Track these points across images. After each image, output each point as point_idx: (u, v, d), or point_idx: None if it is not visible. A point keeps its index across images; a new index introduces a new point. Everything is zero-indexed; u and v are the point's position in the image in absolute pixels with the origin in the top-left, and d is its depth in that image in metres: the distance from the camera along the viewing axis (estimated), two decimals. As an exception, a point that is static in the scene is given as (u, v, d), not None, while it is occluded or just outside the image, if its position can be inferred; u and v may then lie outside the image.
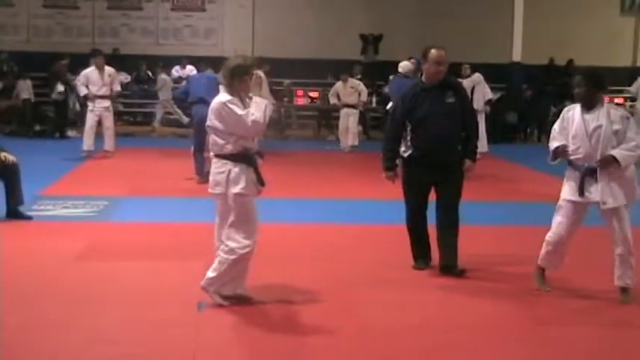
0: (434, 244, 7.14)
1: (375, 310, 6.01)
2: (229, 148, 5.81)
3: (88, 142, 14.61)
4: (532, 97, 21.68)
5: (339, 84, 17.54)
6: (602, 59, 23.59)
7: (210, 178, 5.92)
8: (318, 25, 22.90)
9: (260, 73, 11.91)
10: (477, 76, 16.21)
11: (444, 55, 6.92)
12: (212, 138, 5.88)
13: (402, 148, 7.04)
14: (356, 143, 17.04)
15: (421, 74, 7.30)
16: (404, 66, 12.75)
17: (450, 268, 6.91)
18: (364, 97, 17.50)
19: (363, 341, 5.35)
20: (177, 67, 22.74)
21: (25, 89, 19.58)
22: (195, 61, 22.59)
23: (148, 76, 22.41)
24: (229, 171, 5.80)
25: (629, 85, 24.02)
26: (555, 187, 12.29)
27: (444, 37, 21.85)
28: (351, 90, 17.26)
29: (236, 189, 5.80)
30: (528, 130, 21.69)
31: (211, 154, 5.96)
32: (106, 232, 8.46)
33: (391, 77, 13.28)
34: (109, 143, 14.73)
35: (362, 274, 6.95)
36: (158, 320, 5.62)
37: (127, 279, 6.67)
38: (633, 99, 21.68)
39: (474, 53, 21.46)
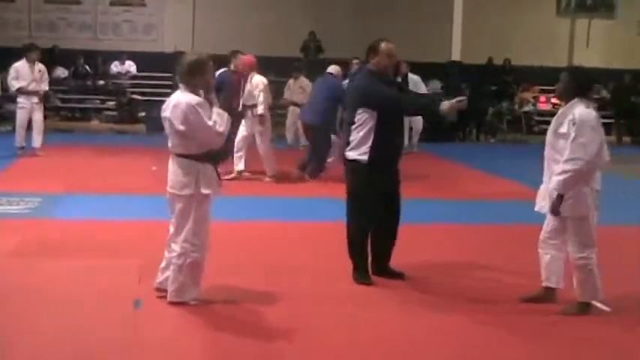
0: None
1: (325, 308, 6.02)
2: (195, 149, 5.76)
3: (19, 139, 14.30)
4: (471, 96, 21.88)
5: (290, 81, 17.54)
6: (539, 59, 24.07)
7: (175, 179, 5.82)
8: (260, 21, 22.83)
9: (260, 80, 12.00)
10: (416, 77, 16.43)
11: (394, 49, 6.73)
12: (175, 139, 5.80)
13: (358, 151, 6.60)
14: (303, 142, 17.02)
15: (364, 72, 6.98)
16: (333, 69, 12.88)
17: (386, 268, 6.87)
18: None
19: (308, 339, 5.35)
20: (116, 63, 22.50)
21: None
22: (134, 56, 22.52)
23: (87, 71, 22.12)
24: (198, 172, 5.75)
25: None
26: (494, 185, 12.63)
27: (384, 35, 22.01)
28: (299, 89, 17.22)
29: (206, 190, 5.77)
30: (467, 129, 21.90)
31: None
32: (41, 230, 8.30)
33: (319, 79, 13.33)
34: (37, 140, 14.30)
35: (303, 272, 6.95)
36: (93, 319, 5.54)
37: (61, 277, 6.56)
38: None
39: (413, 52, 21.63)
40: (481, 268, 7.37)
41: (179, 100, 5.75)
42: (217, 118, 5.76)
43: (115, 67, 22.49)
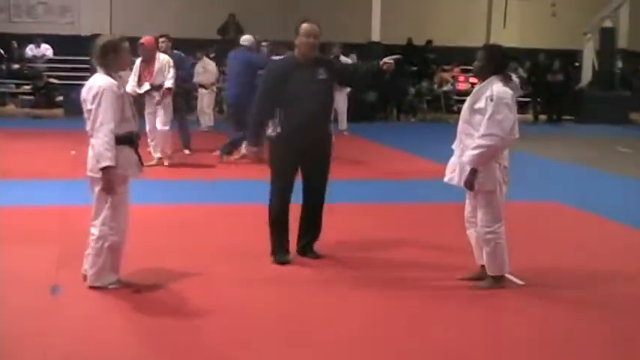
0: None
1: (240, 288, 6.03)
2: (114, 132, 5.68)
3: None
4: (391, 77, 22.02)
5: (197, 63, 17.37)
6: (458, 39, 24.37)
7: (92, 162, 5.73)
8: (178, 3, 22.60)
9: None
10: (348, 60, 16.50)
11: (315, 29, 6.71)
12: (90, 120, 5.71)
13: (270, 127, 6.76)
14: (210, 124, 16.93)
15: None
16: (246, 39, 12.67)
17: (306, 249, 6.91)
18: (212, 78, 17.28)
19: (224, 323, 5.36)
20: (31, 46, 21.97)
21: None
22: (51, 39, 22.04)
23: (1, 54, 21.56)
24: (115, 154, 5.67)
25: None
26: (415, 164, 12.81)
27: (304, 16, 22.02)
28: (202, 69, 17.08)
29: (123, 172, 5.72)
30: (388, 108, 22.09)
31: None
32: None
33: (231, 52, 13.22)
34: None
35: (227, 254, 6.96)
36: (6, 307, 5.45)
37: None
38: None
39: (334, 33, 21.67)
40: (404, 246, 7.47)
41: (94, 82, 5.71)
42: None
43: (30, 50, 21.95)
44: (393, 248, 7.39)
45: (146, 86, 11.64)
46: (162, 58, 11.80)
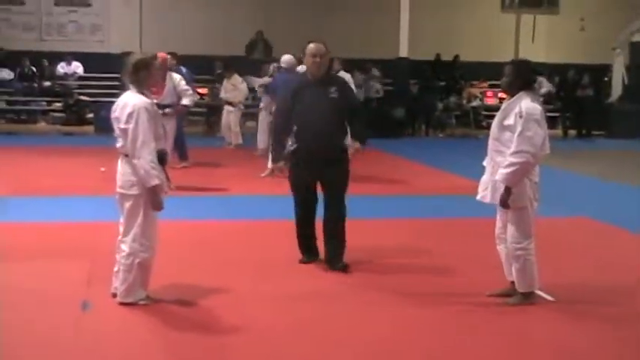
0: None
1: (264, 306, 6.04)
2: None
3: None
4: (419, 92, 22.11)
5: (225, 80, 17.39)
6: (486, 55, 24.30)
7: (123, 178, 5.79)
8: (207, 21, 22.77)
9: None
10: (348, 75, 16.35)
11: (321, 48, 6.90)
12: (124, 138, 5.74)
13: (289, 142, 6.99)
14: (239, 142, 16.76)
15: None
16: (285, 61, 12.52)
17: (332, 262, 6.96)
18: (241, 97, 17.13)
19: (251, 339, 5.37)
20: (62, 64, 22.24)
21: None
22: (81, 57, 22.29)
23: (33, 72, 21.83)
24: None
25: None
26: (444, 180, 12.77)
27: (332, 34, 22.05)
28: (231, 87, 17.08)
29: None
30: (416, 124, 22.09)
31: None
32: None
33: (272, 71, 13.13)
34: None
35: (251, 269, 6.97)
36: (37, 322, 5.50)
37: (7, 280, 6.47)
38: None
39: (362, 49, 21.77)
40: (433, 262, 7.45)
41: (127, 100, 5.75)
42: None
43: (61, 68, 22.22)
44: (423, 264, 7.37)
45: None
46: (175, 77, 11.52)
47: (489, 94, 23.98)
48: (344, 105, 6.98)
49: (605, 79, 23.51)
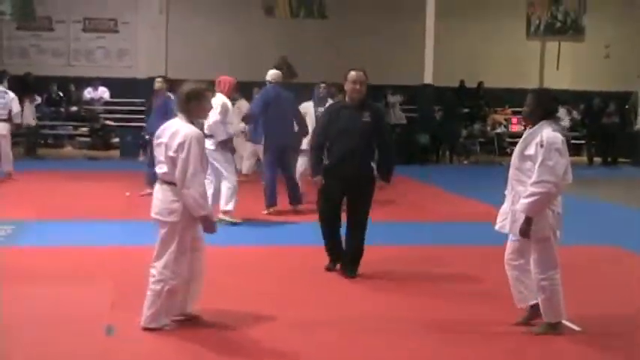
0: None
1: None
2: None
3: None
4: (443, 119, 22.09)
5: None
6: (511, 81, 24.29)
7: (161, 205, 5.80)
8: (232, 47, 22.95)
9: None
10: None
11: (361, 76, 7.51)
12: (167, 165, 5.75)
13: (325, 159, 7.63)
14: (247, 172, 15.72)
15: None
16: (272, 74, 12.11)
17: (347, 267, 7.58)
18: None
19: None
20: (89, 89, 22.48)
21: None
22: (108, 82, 22.52)
23: (60, 97, 22.06)
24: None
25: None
26: (468, 207, 12.71)
27: (357, 60, 22.16)
28: (237, 111, 16.74)
29: (192, 218, 5.78)
30: (440, 151, 22.06)
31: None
32: (13, 257, 8.24)
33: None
34: (6, 165, 14.55)
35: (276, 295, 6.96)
36: (62, 346, 5.51)
37: (32, 305, 6.50)
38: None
39: (386, 76, 21.80)
40: (456, 289, 7.41)
41: (178, 128, 5.76)
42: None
43: (88, 93, 22.46)
44: (446, 291, 7.33)
45: None
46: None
47: (514, 120, 23.92)
48: (375, 129, 7.54)
49: (627, 106, 23.39)
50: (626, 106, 23.35)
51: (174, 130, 5.75)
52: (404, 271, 8.05)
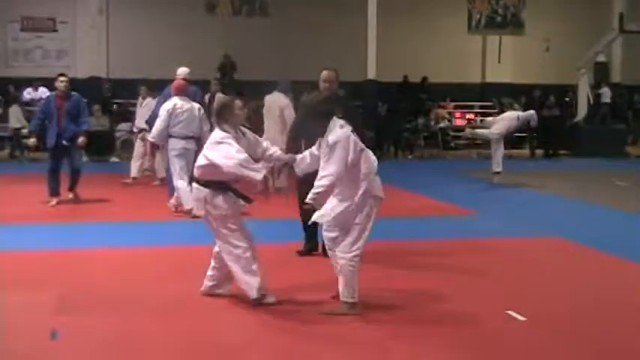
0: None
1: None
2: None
3: None
4: (387, 114, 22.20)
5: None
6: (454, 76, 24.57)
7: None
8: (174, 45, 22.75)
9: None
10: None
11: (330, 75, 8.23)
12: None
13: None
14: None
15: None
16: (181, 72, 12.33)
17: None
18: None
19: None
20: (29, 89, 22.07)
21: None
22: (48, 83, 22.13)
23: (-2, 98, 21.66)
24: None
25: (480, 101, 25.07)
26: (415, 202, 12.78)
27: (301, 57, 22.21)
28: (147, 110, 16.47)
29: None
30: (385, 145, 22.15)
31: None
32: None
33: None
34: None
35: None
36: (7, 353, 5.40)
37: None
38: (484, 114, 22.61)
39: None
40: (412, 286, 7.45)
41: (214, 135, 6.53)
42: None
43: (27, 93, 22.05)
44: (400, 288, 7.36)
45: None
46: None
47: (457, 115, 24.19)
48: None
49: (566, 99, 23.78)
50: (566, 99, 23.74)
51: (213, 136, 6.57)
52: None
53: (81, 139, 11.94)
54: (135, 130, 15.49)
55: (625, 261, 8.44)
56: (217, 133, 6.48)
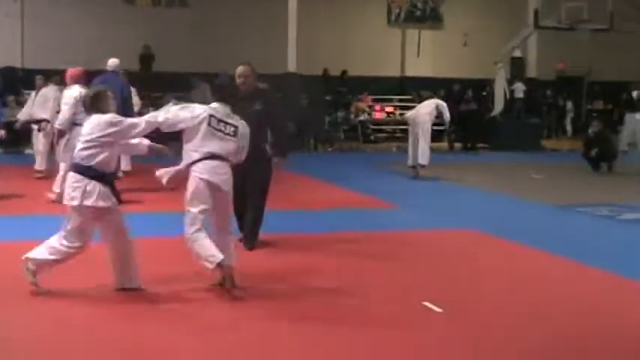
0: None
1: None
2: None
3: None
4: (308, 107, 22.21)
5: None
6: (373, 70, 24.74)
7: None
8: (93, 36, 22.35)
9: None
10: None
11: (245, 70, 8.26)
12: None
13: None
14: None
15: None
16: (113, 64, 12.76)
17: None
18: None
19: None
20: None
21: None
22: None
23: None
24: None
25: (399, 94, 25.31)
26: (333, 193, 12.83)
27: (221, 48, 22.07)
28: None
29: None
30: (305, 138, 22.16)
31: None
32: None
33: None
34: None
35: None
36: None
37: None
38: (403, 107, 22.85)
39: (252, 64, 21.70)
40: (325, 281, 7.46)
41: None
42: None
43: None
44: (315, 283, 7.37)
45: None
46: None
47: (377, 108, 24.37)
48: (267, 115, 8.20)
49: (484, 93, 24.18)
50: (483, 93, 24.14)
51: None
52: (270, 261, 8.04)
53: (1, 132, 11.62)
54: (20, 120, 14.92)
55: (538, 251, 8.62)
56: (100, 116, 6.39)
